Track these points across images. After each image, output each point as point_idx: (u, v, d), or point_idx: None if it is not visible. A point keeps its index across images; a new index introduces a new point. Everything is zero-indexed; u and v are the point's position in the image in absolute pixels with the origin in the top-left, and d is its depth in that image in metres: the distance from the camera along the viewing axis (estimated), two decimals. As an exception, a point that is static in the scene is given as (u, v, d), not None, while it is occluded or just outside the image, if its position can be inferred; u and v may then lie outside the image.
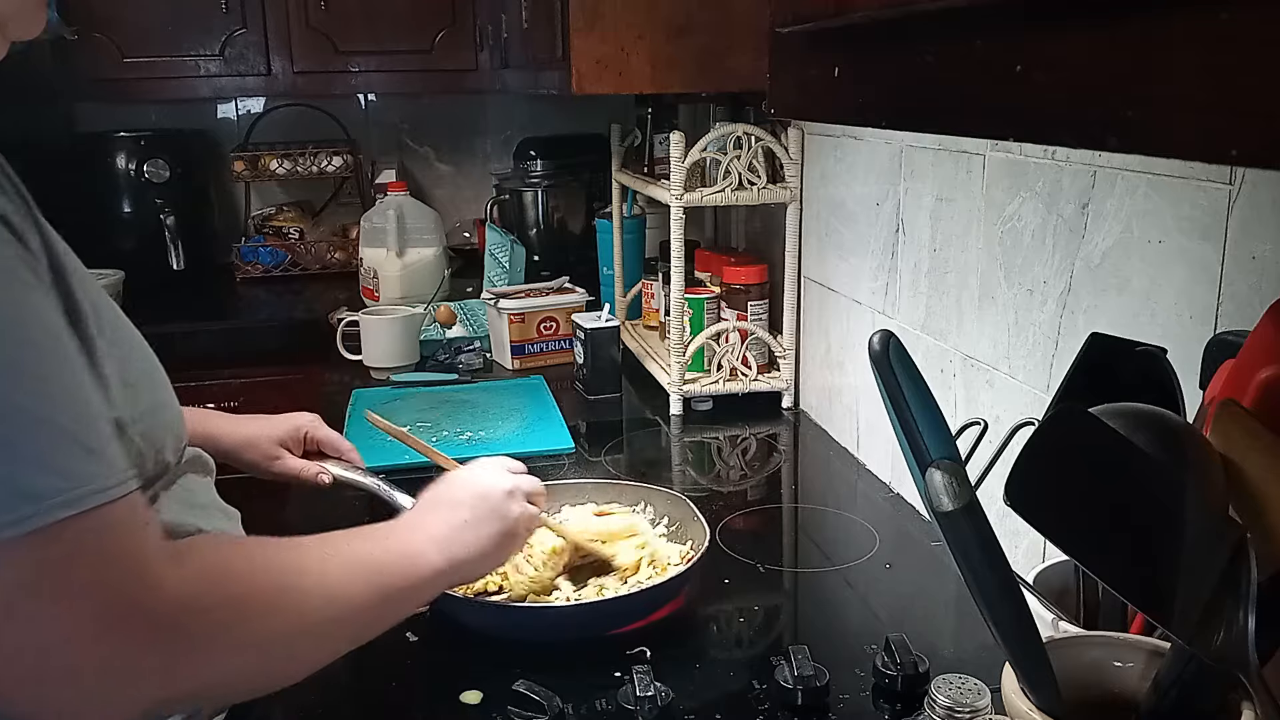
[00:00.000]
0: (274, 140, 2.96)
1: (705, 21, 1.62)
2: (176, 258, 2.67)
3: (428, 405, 1.85)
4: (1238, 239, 0.84)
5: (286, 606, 0.73)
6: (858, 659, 1.01)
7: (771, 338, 1.81)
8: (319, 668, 0.78)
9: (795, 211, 1.74)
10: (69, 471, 0.61)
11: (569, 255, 2.66)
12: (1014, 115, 0.55)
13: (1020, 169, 1.14)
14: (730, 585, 1.20)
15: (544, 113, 3.02)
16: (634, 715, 0.91)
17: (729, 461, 1.67)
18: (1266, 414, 0.66)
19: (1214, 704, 0.64)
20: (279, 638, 0.73)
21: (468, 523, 0.95)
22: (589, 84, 1.62)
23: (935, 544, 1.27)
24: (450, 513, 0.95)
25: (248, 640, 0.70)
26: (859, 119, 0.76)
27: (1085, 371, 0.77)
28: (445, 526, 0.93)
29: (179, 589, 0.65)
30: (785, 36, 0.85)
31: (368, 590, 0.81)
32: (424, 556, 0.88)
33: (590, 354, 1.89)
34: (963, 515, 0.63)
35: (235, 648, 0.69)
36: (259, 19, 2.62)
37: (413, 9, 2.66)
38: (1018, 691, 0.67)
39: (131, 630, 0.63)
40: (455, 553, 0.92)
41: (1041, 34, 0.52)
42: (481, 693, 0.97)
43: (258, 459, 1.20)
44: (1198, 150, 0.42)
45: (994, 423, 1.05)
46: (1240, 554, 0.60)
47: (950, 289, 1.31)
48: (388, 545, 0.87)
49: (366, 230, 2.53)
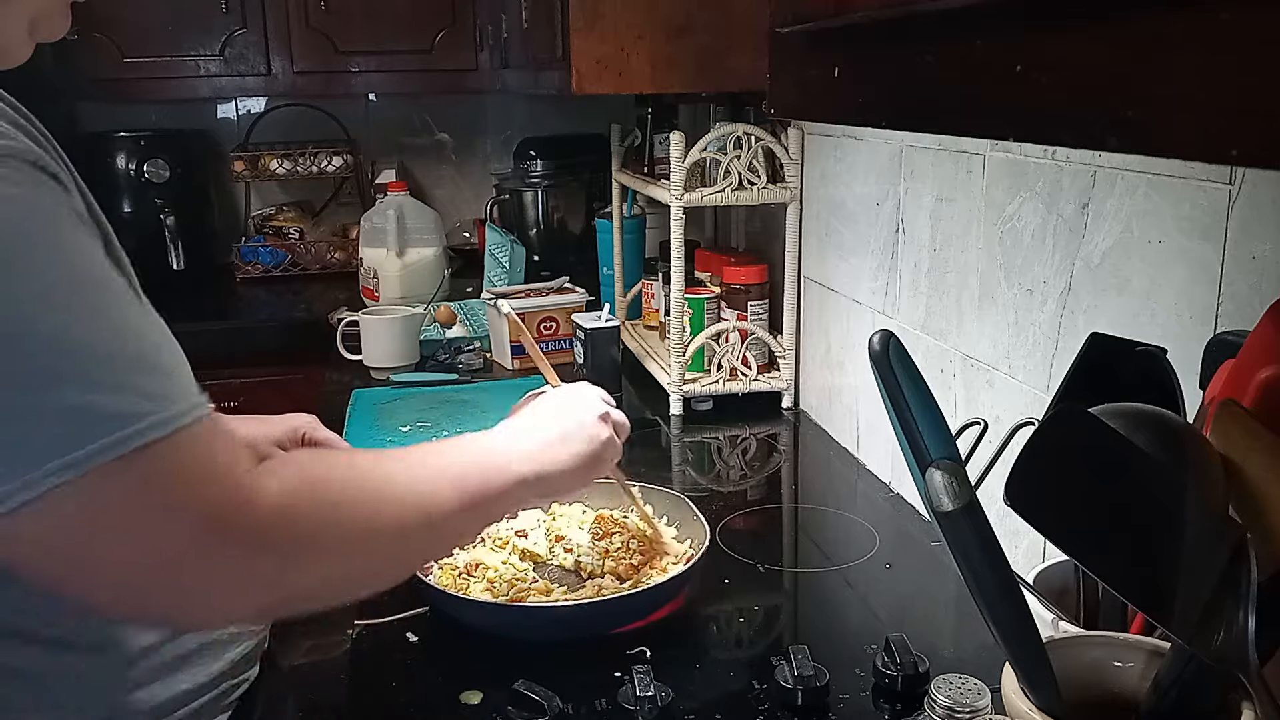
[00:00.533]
0: (274, 140, 2.96)
1: (705, 21, 1.62)
2: (176, 258, 2.67)
3: (428, 405, 1.85)
4: (1238, 239, 0.84)
5: (381, 511, 0.76)
6: (858, 659, 1.01)
7: (771, 338, 1.81)
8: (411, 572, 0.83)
9: (795, 211, 1.74)
10: (151, 393, 0.63)
11: (569, 255, 2.66)
12: (1014, 115, 0.55)
13: (1020, 169, 1.14)
14: (730, 585, 1.20)
15: (544, 113, 3.02)
16: (634, 715, 0.91)
17: (729, 461, 1.67)
18: (1266, 414, 0.66)
19: (1214, 704, 0.64)
20: (375, 541, 0.76)
21: (558, 439, 0.97)
22: (589, 84, 1.62)
23: (935, 544, 1.27)
24: (544, 428, 0.98)
25: (346, 544, 0.73)
26: (859, 119, 0.76)
27: (1085, 371, 0.77)
28: (536, 441, 0.96)
29: (277, 498, 0.67)
30: (785, 36, 0.85)
31: (454, 501, 0.83)
32: (511, 467, 0.91)
33: (590, 354, 1.89)
34: (963, 515, 0.63)
35: (335, 552, 0.72)
36: (259, 19, 2.62)
37: (413, 9, 2.66)
38: (1018, 691, 0.67)
39: (236, 541, 0.65)
40: (542, 467, 0.94)
41: (1041, 34, 0.52)
42: (481, 693, 0.97)
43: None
44: (1198, 150, 0.42)
45: (994, 423, 1.05)
46: (1240, 554, 0.60)
47: (950, 289, 1.31)
48: (476, 456, 0.90)
49: (366, 230, 2.53)
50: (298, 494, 0.69)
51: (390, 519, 0.77)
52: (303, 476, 0.71)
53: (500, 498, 0.90)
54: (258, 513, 0.66)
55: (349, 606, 1.14)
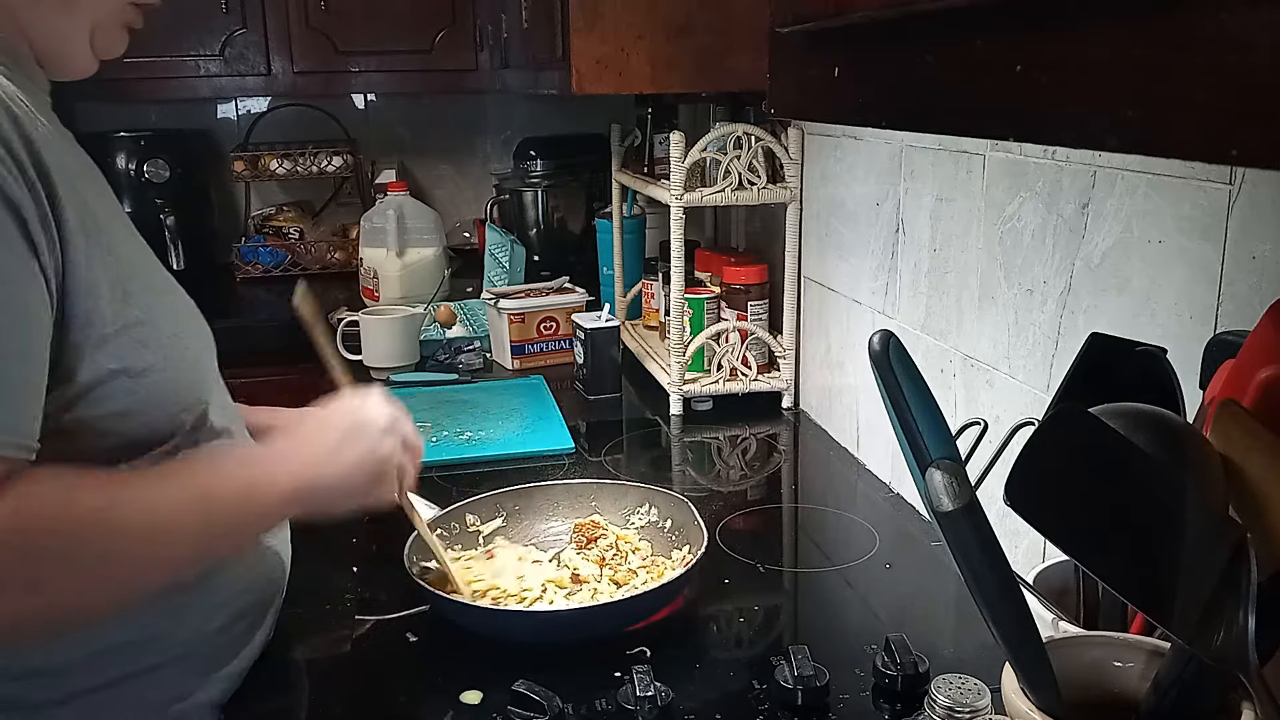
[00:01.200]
0: (274, 140, 2.96)
1: (705, 21, 1.62)
2: (176, 258, 2.67)
3: (428, 405, 1.85)
4: (1238, 239, 0.84)
5: (84, 543, 0.75)
6: (858, 659, 1.01)
7: (771, 338, 1.81)
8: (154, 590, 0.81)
9: (795, 211, 1.74)
10: None
11: (569, 255, 2.66)
12: (1014, 115, 0.55)
13: (1020, 169, 1.14)
14: (730, 585, 1.20)
15: (544, 113, 3.02)
16: (634, 715, 0.91)
17: (729, 461, 1.67)
18: (1266, 414, 0.66)
19: (1214, 704, 0.64)
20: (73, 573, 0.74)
21: (332, 450, 0.93)
22: (589, 84, 1.62)
23: (935, 544, 1.27)
24: (317, 438, 0.95)
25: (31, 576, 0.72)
26: (859, 119, 0.76)
27: (1085, 371, 0.77)
28: (307, 454, 0.93)
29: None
30: (785, 36, 0.85)
31: (193, 527, 0.82)
32: (274, 487, 0.88)
33: (590, 354, 1.89)
34: (963, 515, 0.63)
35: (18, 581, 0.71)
36: (259, 19, 2.62)
37: (413, 9, 2.66)
38: (1018, 691, 0.67)
39: None
40: (310, 483, 0.91)
41: (1041, 34, 0.52)
42: (481, 693, 0.97)
43: None
44: (1198, 150, 0.42)
45: (994, 423, 1.05)
46: (1240, 554, 0.60)
47: (950, 289, 1.31)
48: (234, 473, 0.87)
49: (366, 230, 2.53)
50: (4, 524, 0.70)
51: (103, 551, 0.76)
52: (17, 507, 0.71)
53: (259, 518, 0.89)
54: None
55: (349, 603, 1.14)
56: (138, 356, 0.82)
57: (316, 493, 0.92)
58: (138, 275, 0.86)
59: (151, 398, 0.83)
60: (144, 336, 0.83)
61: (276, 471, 0.90)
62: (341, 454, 0.94)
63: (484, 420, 1.76)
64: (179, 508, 0.81)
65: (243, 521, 0.88)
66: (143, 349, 0.82)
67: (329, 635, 1.10)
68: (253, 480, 0.88)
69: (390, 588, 1.15)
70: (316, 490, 0.92)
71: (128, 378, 0.81)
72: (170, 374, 0.85)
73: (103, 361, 0.79)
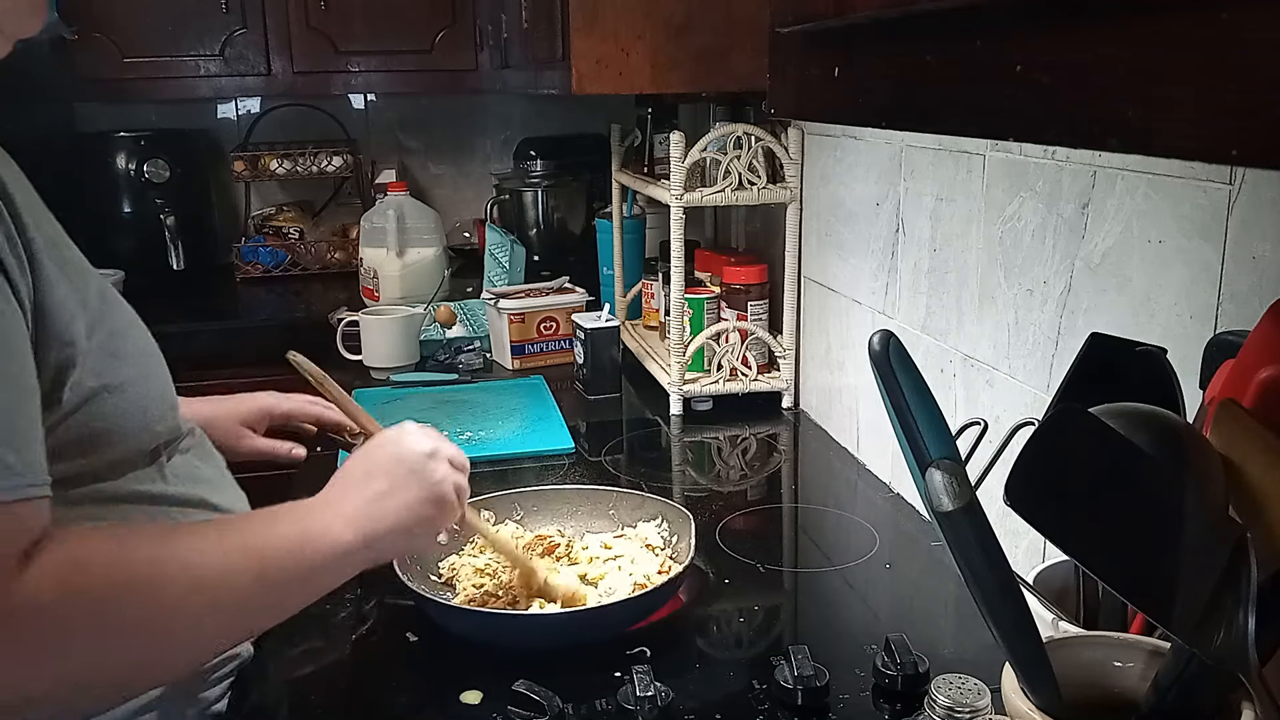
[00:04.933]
0: (274, 140, 2.96)
1: (705, 21, 1.62)
2: (176, 258, 2.67)
3: (428, 405, 1.85)
4: (1238, 239, 0.84)
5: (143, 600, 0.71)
6: (858, 659, 1.01)
7: (771, 338, 1.81)
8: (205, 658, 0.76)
9: (795, 211, 1.74)
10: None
11: (569, 255, 2.66)
12: (1014, 115, 0.55)
13: (1020, 169, 1.14)
14: (730, 585, 1.20)
15: (544, 113, 3.02)
16: (634, 715, 0.91)
17: (729, 461, 1.67)
18: (1266, 414, 0.66)
19: (1214, 704, 0.64)
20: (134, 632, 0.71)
21: (384, 493, 0.89)
22: (589, 84, 1.62)
23: (935, 544, 1.27)
24: (365, 484, 0.90)
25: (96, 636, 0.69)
26: (859, 119, 0.76)
27: (1085, 371, 0.77)
28: (359, 499, 0.88)
29: (20, 586, 0.64)
30: (785, 36, 0.85)
31: (248, 580, 0.77)
32: (330, 535, 0.84)
33: (590, 354, 1.89)
34: (963, 515, 0.63)
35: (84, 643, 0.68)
36: (259, 19, 2.62)
37: (413, 9, 2.66)
38: (1018, 691, 0.67)
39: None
40: (371, 527, 0.87)
41: (1041, 34, 0.52)
42: (481, 693, 0.97)
43: (219, 438, 1.11)
44: (1198, 150, 0.42)
45: (994, 423, 1.05)
46: (1240, 554, 0.60)
47: (950, 289, 1.31)
48: (286, 528, 0.83)
49: (366, 230, 2.53)
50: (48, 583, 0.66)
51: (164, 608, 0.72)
52: (60, 564, 0.67)
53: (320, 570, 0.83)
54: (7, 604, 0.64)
55: (349, 603, 1.14)
56: (114, 371, 0.79)
57: (379, 538, 0.88)
58: (92, 284, 0.81)
59: (131, 411, 0.81)
60: (115, 348, 0.80)
61: (331, 520, 0.85)
62: (395, 494, 0.90)
63: (484, 420, 1.76)
64: (231, 559, 0.77)
65: (298, 574, 0.82)
66: (116, 362, 0.80)
67: (329, 635, 1.10)
68: (305, 532, 0.83)
69: (391, 588, 1.14)
70: (379, 535, 0.87)
71: (108, 394, 0.78)
72: (144, 385, 0.83)
73: (84, 380, 0.76)
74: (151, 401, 0.85)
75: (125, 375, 0.80)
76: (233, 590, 0.76)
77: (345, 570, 0.87)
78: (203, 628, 0.75)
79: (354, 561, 0.87)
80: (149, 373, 0.86)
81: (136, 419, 0.82)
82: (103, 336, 0.78)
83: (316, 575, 0.84)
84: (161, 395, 0.87)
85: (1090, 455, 0.61)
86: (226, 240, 2.93)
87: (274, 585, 0.80)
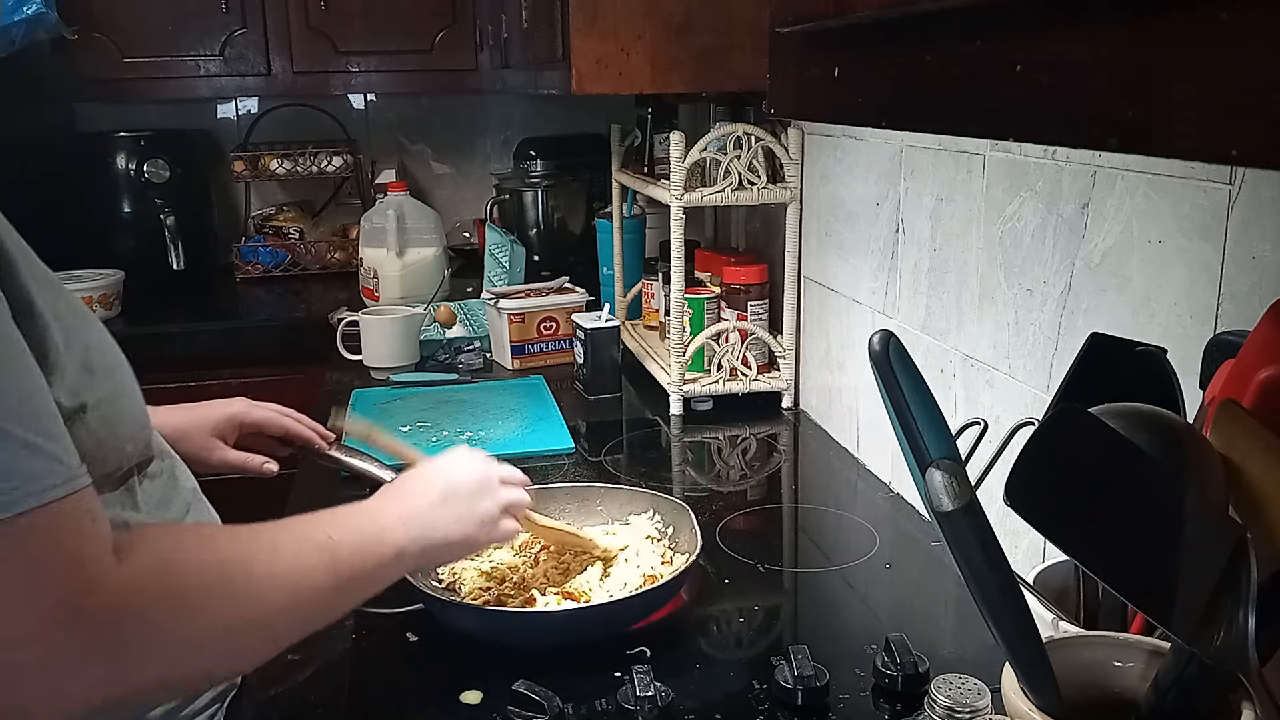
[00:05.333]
0: (274, 140, 2.96)
1: (705, 21, 1.62)
2: (176, 258, 2.67)
3: (428, 405, 1.85)
4: (1238, 239, 0.84)
5: (233, 596, 0.73)
6: (858, 659, 1.01)
7: (771, 338, 1.81)
8: (277, 652, 0.77)
9: (795, 211, 1.74)
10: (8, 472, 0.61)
11: (569, 255, 2.66)
12: (1014, 115, 0.55)
13: (1020, 169, 1.14)
14: (730, 585, 1.20)
15: (544, 113, 3.02)
16: (634, 715, 0.91)
17: (729, 461, 1.67)
18: (1266, 414, 0.66)
19: (1214, 704, 0.64)
20: (227, 629, 0.72)
21: (436, 503, 0.94)
22: (589, 84, 1.62)
23: (935, 544, 1.27)
24: (420, 494, 0.94)
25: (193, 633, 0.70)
26: (859, 119, 0.76)
27: (1085, 371, 0.77)
28: (413, 506, 0.92)
29: (119, 586, 0.65)
30: (785, 36, 0.85)
31: (323, 576, 0.80)
32: (388, 536, 0.87)
33: (590, 354, 1.89)
34: (963, 515, 0.63)
35: (181, 642, 0.69)
36: (259, 19, 2.62)
37: (413, 9, 2.66)
38: (1018, 691, 0.67)
39: (73, 629, 0.63)
40: (423, 532, 0.91)
41: (1041, 34, 0.52)
42: (481, 693, 0.97)
43: (191, 451, 1.12)
44: (1198, 150, 0.42)
45: (994, 423, 1.05)
46: (1240, 554, 0.60)
47: (950, 289, 1.31)
48: (348, 529, 0.85)
49: (366, 230, 2.53)
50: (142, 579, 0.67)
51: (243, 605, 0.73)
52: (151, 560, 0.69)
53: (378, 569, 0.86)
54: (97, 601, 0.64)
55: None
56: (90, 388, 0.76)
57: (433, 545, 0.92)
58: (61, 294, 0.78)
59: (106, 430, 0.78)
60: (90, 362, 0.77)
61: (387, 520, 0.89)
62: (448, 504, 0.94)
63: (484, 420, 1.76)
64: (307, 555, 0.79)
65: (364, 570, 0.85)
66: (91, 377, 0.77)
67: (329, 635, 1.10)
68: (371, 531, 0.87)
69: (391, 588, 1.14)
70: (432, 542, 0.92)
71: (84, 414, 0.75)
72: (119, 402, 0.81)
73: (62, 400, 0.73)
74: (127, 417, 0.83)
75: (102, 392, 0.78)
76: (309, 585, 0.79)
77: (398, 571, 0.91)
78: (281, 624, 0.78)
79: (405, 565, 0.91)
80: (124, 387, 0.83)
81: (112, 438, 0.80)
82: (78, 348, 0.76)
83: (377, 574, 0.87)
84: (133, 414, 0.85)
85: (1090, 455, 0.61)
86: (226, 240, 2.93)
87: (344, 582, 0.82)
